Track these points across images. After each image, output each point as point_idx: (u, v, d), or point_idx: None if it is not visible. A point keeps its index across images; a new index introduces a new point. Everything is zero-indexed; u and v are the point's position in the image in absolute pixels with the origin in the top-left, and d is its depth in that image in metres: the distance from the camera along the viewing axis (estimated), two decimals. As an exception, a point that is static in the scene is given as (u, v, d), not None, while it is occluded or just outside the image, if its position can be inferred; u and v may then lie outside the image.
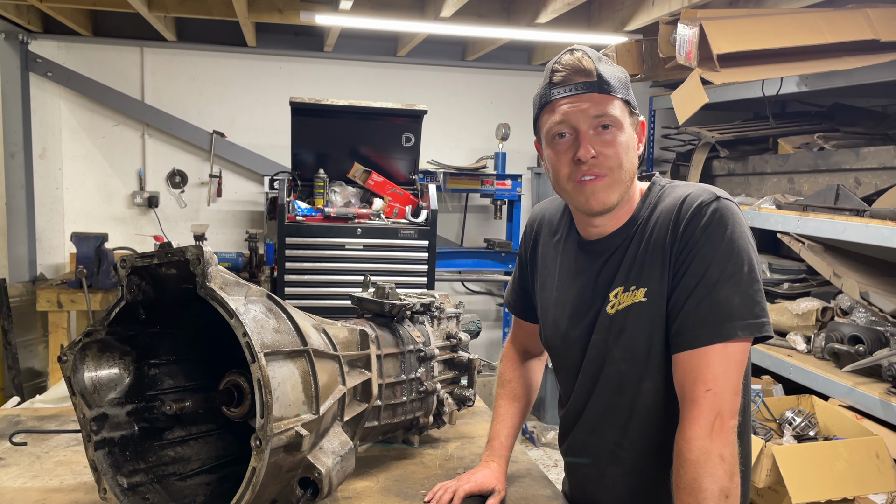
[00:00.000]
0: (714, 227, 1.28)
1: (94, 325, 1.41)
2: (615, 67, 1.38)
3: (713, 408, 1.23)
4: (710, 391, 1.23)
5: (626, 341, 1.38)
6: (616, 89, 1.35)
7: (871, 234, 2.84)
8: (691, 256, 1.29)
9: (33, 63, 5.00)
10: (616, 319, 1.39)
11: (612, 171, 1.35)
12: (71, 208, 5.26)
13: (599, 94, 1.34)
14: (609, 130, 1.35)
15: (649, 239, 1.36)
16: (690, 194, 1.34)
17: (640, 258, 1.37)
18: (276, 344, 1.28)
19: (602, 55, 1.38)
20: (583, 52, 1.36)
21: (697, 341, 1.26)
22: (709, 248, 1.27)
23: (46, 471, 1.73)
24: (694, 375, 1.26)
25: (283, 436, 1.23)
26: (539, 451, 5.12)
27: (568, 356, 1.53)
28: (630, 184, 1.40)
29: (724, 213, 1.29)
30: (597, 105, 1.33)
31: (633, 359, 1.38)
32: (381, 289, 1.89)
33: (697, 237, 1.29)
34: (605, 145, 1.35)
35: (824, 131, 3.89)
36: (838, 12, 3.18)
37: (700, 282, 1.27)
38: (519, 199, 5.42)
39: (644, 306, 1.35)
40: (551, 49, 5.40)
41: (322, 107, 4.27)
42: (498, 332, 5.86)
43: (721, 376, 1.24)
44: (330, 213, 4.14)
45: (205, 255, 1.27)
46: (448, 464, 1.87)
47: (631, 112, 1.38)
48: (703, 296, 1.27)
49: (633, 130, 1.39)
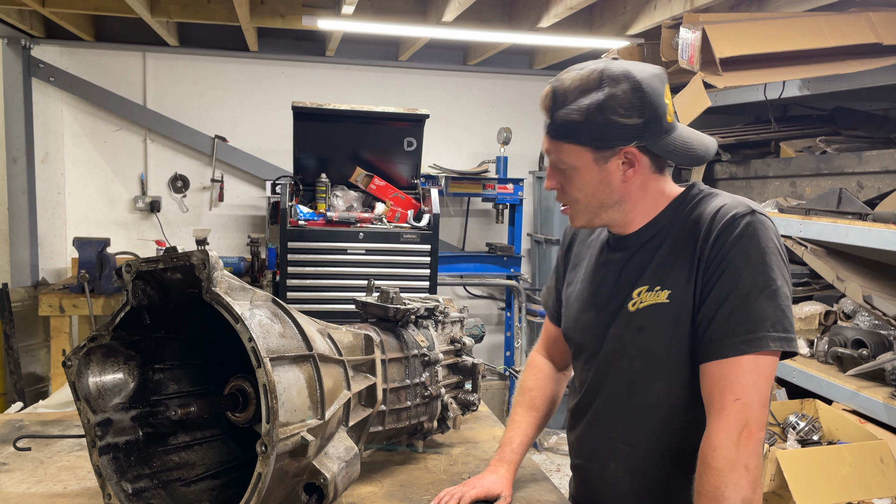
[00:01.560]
0: (747, 239, 1.28)
1: (98, 329, 1.41)
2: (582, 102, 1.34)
3: (742, 418, 1.23)
4: (740, 401, 1.24)
5: (643, 339, 1.40)
6: (571, 135, 1.36)
7: (874, 237, 2.84)
8: (723, 267, 1.29)
9: (36, 68, 5.01)
10: (636, 317, 1.40)
11: (572, 203, 1.44)
12: (73, 213, 5.26)
13: (551, 139, 1.40)
14: (565, 171, 1.41)
15: (679, 243, 1.38)
16: (725, 205, 1.34)
17: (667, 261, 1.38)
18: (281, 349, 1.28)
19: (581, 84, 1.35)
20: (550, 89, 1.39)
21: (728, 351, 1.26)
22: (741, 259, 1.28)
23: (50, 476, 1.73)
24: (724, 384, 1.26)
25: (289, 441, 1.23)
26: (542, 456, 5.11)
27: (585, 347, 1.55)
28: (610, 209, 1.42)
29: (757, 226, 1.30)
30: (550, 148, 1.41)
31: (647, 357, 1.40)
32: (386, 293, 1.89)
33: (729, 248, 1.29)
34: (564, 180, 1.43)
35: (826, 135, 3.88)
36: (841, 16, 3.19)
37: (732, 293, 1.28)
38: (520, 203, 5.43)
39: (665, 308, 1.36)
40: (553, 53, 5.40)
41: (324, 111, 4.28)
42: (500, 337, 5.85)
43: (751, 387, 1.25)
44: (332, 218, 4.15)
45: (210, 259, 1.27)
46: (452, 469, 1.86)
47: (599, 148, 1.35)
48: (736, 306, 1.27)
49: (603, 165, 1.37)
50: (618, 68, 1.35)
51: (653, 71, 1.37)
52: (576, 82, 1.36)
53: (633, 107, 1.32)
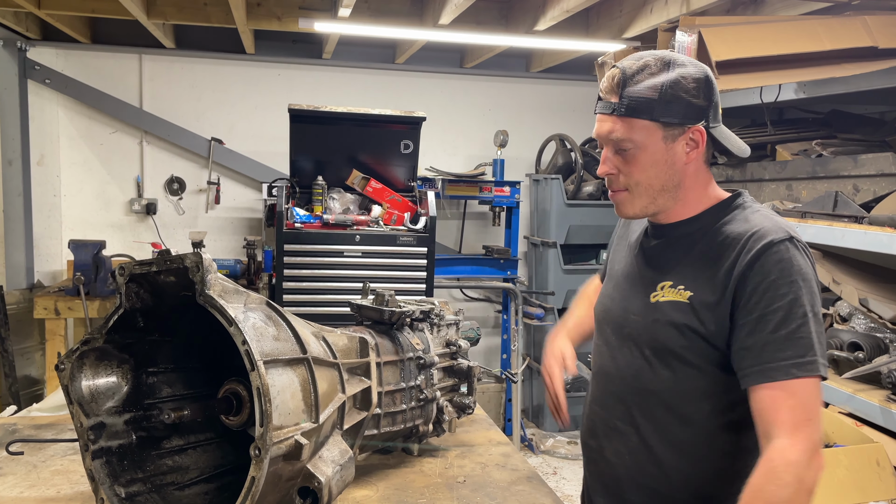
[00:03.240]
0: (785, 266, 1.31)
1: (91, 333, 1.40)
2: (656, 79, 1.38)
3: (814, 438, 1.27)
4: (811, 421, 1.27)
5: (656, 331, 1.44)
6: (640, 112, 1.37)
7: (870, 240, 2.84)
8: (762, 293, 1.31)
9: (31, 70, 4.99)
10: (655, 308, 1.45)
11: (631, 187, 1.44)
12: (69, 215, 5.25)
13: (618, 117, 1.39)
14: (628, 151, 1.41)
15: (712, 250, 1.40)
16: (763, 228, 1.36)
17: (697, 264, 1.42)
18: (275, 352, 1.27)
19: (666, 62, 1.39)
20: (618, 71, 1.41)
21: (781, 374, 1.28)
22: (781, 286, 1.30)
23: (43, 480, 1.72)
24: (790, 405, 1.27)
25: (283, 444, 1.22)
26: (538, 459, 5.10)
27: (605, 325, 1.60)
28: (663, 194, 1.44)
29: (794, 253, 1.33)
30: (616, 128, 1.40)
31: (656, 349, 1.44)
32: (381, 296, 1.89)
33: (767, 273, 1.31)
34: (624, 163, 1.43)
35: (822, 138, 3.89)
36: (836, 19, 3.19)
37: (776, 318, 1.30)
38: (517, 206, 5.42)
39: (684, 307, 1.40)
40: (549, 56, 5.41)
41: (320, 114, 4.27)
42: (497, 339, 5.84)
43: (815, 409, 1.29)
44: (328, 220, 4.14)
45: (204, 262, 1.27)
46: (448, 472, 1.86)
47: (667, 125, 1.39)
48: (786, 331, 1.29)
49: (670, 144, 1.40)
50: (680, 56, 1.42)
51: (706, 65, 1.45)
52: (643, 65, 1.39)
53: (700, 89, 1.38)
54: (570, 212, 5.37)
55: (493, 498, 1.72)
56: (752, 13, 3.73)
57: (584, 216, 5.39)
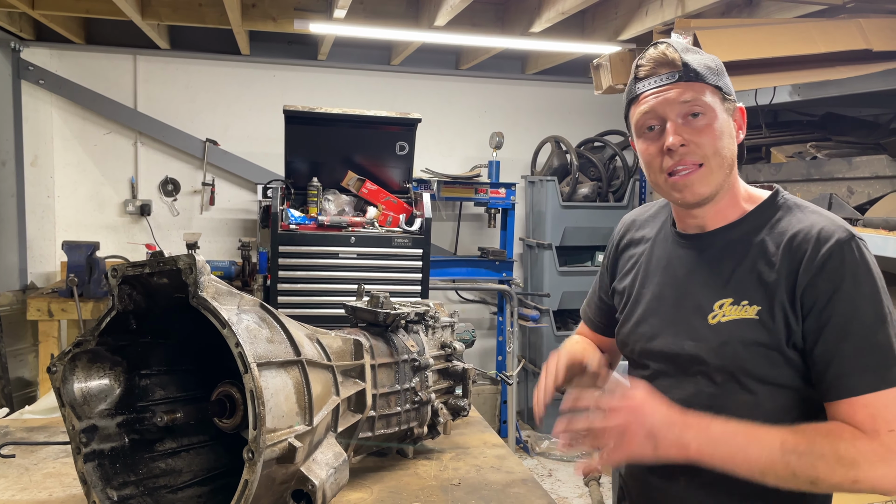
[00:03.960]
0: (855, 268, 1.24)
1: (84, 335, 1.40)
2: (704, 56, 1.35)
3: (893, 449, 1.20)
4: (894, 432, 1.20)
5: (726, 355, 1.32)
6: (705, 77, 1.31)
7: (865, 242, 2.85)
8: (835, 297, 1.24)
9: (25, 71, 4.98)
10: (718, 331, 1.33)
11: (707, 158, 1.31)
12: (62, 216, 5.23)
13: (686, 83, 1.30)
14: (699, 118, 1.31)
15: (769, 256, 1.31)
16: (825, 228, 1.27)
17: (754, 274, 1.31)
18: (269, 354, 1.26)
19: (689, 45, 1.35)
20: (667, 44, 1.34)
21: (864, 387, 1.22)
22: (854, 290, 1.23)
23: (35, 483, 1.70)
24: (870, 413, 1.21)
25: (276, 447, 1.21)
26: (533, 461, 5.10)
27: (651, 358, 1.45)
28: (729, 172, 1.34)
29: (863, 252, 1.26)
30: (684, 93, 1.30)
31: (731, 374, 1.32)
32: (376, 298, 1.88)
33: (841, 279, 1.23)
34: (697, 133, 1.30)
35: (817, 140, 3.90)
36: (831, 22, 3.20)
37: (855, 325, 1.23)
38: (513, 208, 5.43)
39: (754, 324, 1.29)
40: (545, 58, 5.41)
41: (316, 115, 4.27)
42: (492, 341, 5.84)
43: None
44: (323, 222, 4.13)
45: (197, 264, 1.26)
46: (443, 475, 1.85)
47: (724, 98, 1.33)
48: (862, 340, 1.22)
49: (729, 116, 1.34)
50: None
51: None
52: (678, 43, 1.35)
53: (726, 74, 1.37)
54: (566, 213, 5.37)
55: (488, 500, 1.71)
56: (747, 16, 3.74)
57: (580, 218, 5.40)
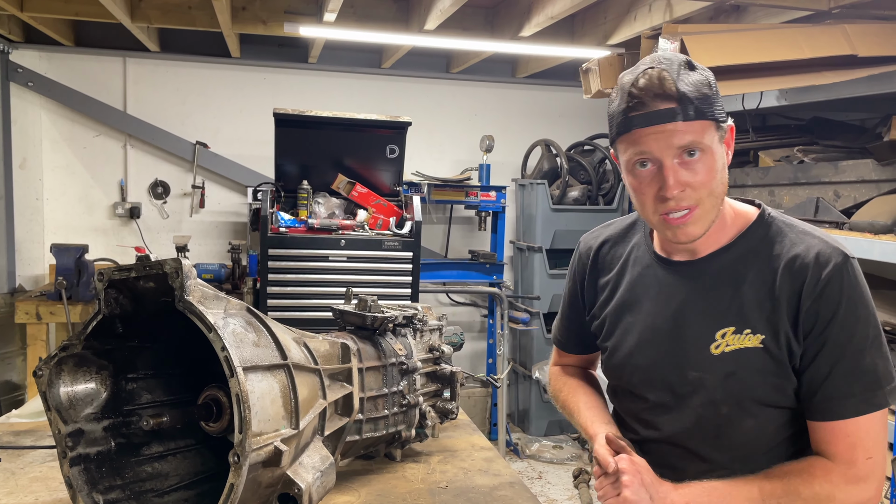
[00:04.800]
0: (851, 291, 1.24)
1: (70, 339, 1.40)
2: (699, 76, 1.25)
3: (877, 476, 1.23)
4: (871, 460, 1.23)
5: (733, 386, 1.31)
6: (703, 109, 1.22)
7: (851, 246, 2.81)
8: (833, 322, 1.24)
9: (14, 73, 4.95)
10: (722, 361, 1.31)
11: (702, 201, 1.26)
12: (51, 219, 5.20)
13: (685, 122, 1.22)
14: (697, 156, 1.24)
15: (768, 284, 1.29)
16: (822, 251, 1.27)
17: (755, 301, 1.29)
18: (255, 358, 1.27)
19: (685, 61, 1.26)
20: (661, 70, 1.23)
21: (849, 411, 1.23)
22: (850, 314, 1.24)
23: (21, 487, 1.70)
24: (850, 441, 1.24)
25: (262, 451, 1.22)
26: (523, 463, 5.11)
27: (651, 387, 1.42)
28: (721, 203, 1.31)
29: (857, 273, 1.26)
30: (681, 134, 1.22)
31: (737, 403, 1.32)
32: (364, 301, 1.89)
33: (837, 304, 1.24)
34: (694, 174, 1.24)
35: (804, 144, 3.93)
36: (817, 28, 3.23)
37: (846, 349, 1.24)
38: (503, 211, 5.44)
39: (759, 353, 1.28)
40: (535, 62, 5.43)
41: (306, 118, 4.27)
42: (482, 344, 5.85)
43: (878, 444, 1.24)
44: (313, 225, 4.13)
45: (183, 268, 1.26)
46: (430, 478, 1.86)
47: (719, 126, 1.26)
48: (852, 365, 1.24)
49: (722, 143, 1.28)
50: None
51: None
52: (666, 67, 1.24)
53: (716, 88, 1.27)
54: (556, 217, 5.39)
55: (475, 503, 1.72)
56: (735, 21, 3.77)
57: (570, 221, 5.42)
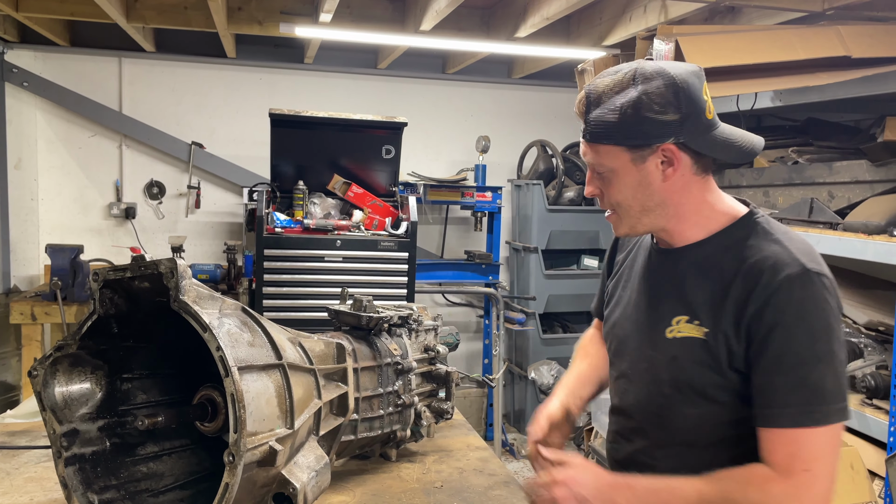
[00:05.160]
0: (803, 303, 1.24)
1: (65, 339, 1.40)
2: (615, 103, 1.31)
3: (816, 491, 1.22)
4: (809, 472, 1.22)
5: (674, 369, 1.37)
6: (603, 136, 1.31)
7: (845, 246, 2.88)
8: (776, 329, 1.25)
9: (9, 73, 4.94)
10: (671, 345, 1.37)
11: (615, 207, 1.39)
12: (46, 219, 5.19)
13: (587, 143, 1.35)
14: (603, 174, 1.36)
15: (726, 282, 1.32)
16: (780, 260, 1.28)
17: (711, 296, 1.34)
18: (250, 358, 1.27)
19: (614, 85, 1.32)
20: (583, 95, 1.35)
21: (788, 421, 1.24)
22: (798, 325, 1.24)
23: (16, 487, 1.70)
24: (789, 451, 1.24)
25: (257, 451, 1.22)
26: (519, 464, 5.11)
27: (621, 357, 1.53)
28: (652, 213, 1.37)
29: (815, 287, 1.25)
30: (587, 152, 1.37)
31: (677, 386, 1.37)
32: (359, 301, 1.89)
33: (782, 311, 1.25)
34: (604, 185, 1.38)
35: (798, 145, 3.94)
36: (811, 29, 3.24)
37: (790, 359, 1.24)
38: (499, 211, 5.45)
39: (702, 344, 1.33)
40: (531, 63, 5.44)
41: (302, 118, 4.27)
42: (478, 344, 5.86)
43: (819, 459, 1.23)
44: (309, 225, 4.13)
45: (178, 268, 1.26)
46: (426, 477, 1.86)
47: (633, 147, 1.31)
48: (794, 376, 1.24)
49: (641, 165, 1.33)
50: (651, 66, 1.32)
51: (689, 68, 1.34)
52: (609, 84, 1.32)
53: (668, 103, 1.28)
54: (552, 217, 5.40)
55: (470, 503, 1.73)
56: (729, 22, 3.78)
57: (566, 221, 5.43)
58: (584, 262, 5.61)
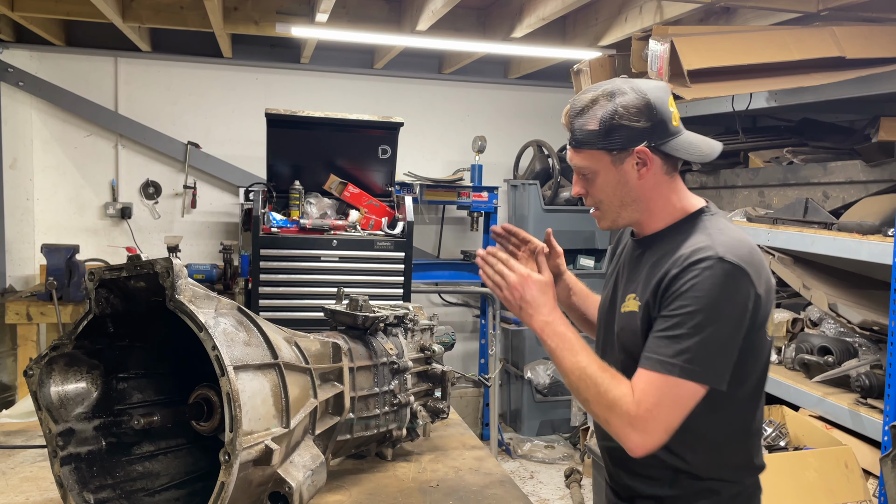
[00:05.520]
0: (704, 283, 1.40)
1: (61, 338, 1.40)
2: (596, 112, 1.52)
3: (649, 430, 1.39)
4: (649, 412, 1.39)
5: (623, 338, 1.58)
6: (587, 142, 1.54)
7: (839, 246, 2.90)
8: (674, 298, 1.43)
9: (4, 73, 4.93)
10: (622, 317, 1.59)
11: (598, 205, 1.62)
12: (42, 219, 5.18)
13: (573, 150, 1.58)
14: (588, 176, 1.59)
15: (661, 267, 1.50)
16: (702, 248, 1.45)
17: (650, 275, 1.53)
18: (246, 357, 1.27)
19: (595, 99, 1.53)
20: (568, 108, 1.58)
21: (645, 364, 1.43)
22: (692, 298, 1.40)
23: (12, 487, 1.70)
24: (642, 388, 1.41)
25: (253, 450, 1.22)
26: (515, 463, 5.12)
27: (600, 330, 1.75)
28: (630, 207, 1.58)
29: (717, 274, 1.40)
30: (573, 158, 1.60)
31: (626, 356, 1.56)
32: (355, 301, 1.89)
33: (685, 287, 1.42)
34: (588, 186, 1.61)
35: (793, 146, 3.95)
36: (806, 30, 3.25)
37: (672, 321, 1.42)
38: (495, 211, 5.45)
39: (635, 316, 1.54)
40: (527, 63, 5.45)
41: (298, 118, 4.27)
42: (474, 344, 5.86)
43: (660, 405, 1.39)
44: (305, 225, 4.13)
45: (174, 267, 1.26)
46: (421, 476, 1.87)
47: (612, 151, 1.53)
48: (670, 334, 1.41)
49: (619, 166, 1.54)
50: (626, 84, 1.55)
51: (657, 84, 1.57)
52: (591, 98, 1.54)
53: (640, 113, 1.50)
54: (548, 217, 5.40)
55: (466, 502, 1.73)
56: (724, 23, 3.79)
57: (562, 221, 5.43)
58: (581, 261, 5.61)
